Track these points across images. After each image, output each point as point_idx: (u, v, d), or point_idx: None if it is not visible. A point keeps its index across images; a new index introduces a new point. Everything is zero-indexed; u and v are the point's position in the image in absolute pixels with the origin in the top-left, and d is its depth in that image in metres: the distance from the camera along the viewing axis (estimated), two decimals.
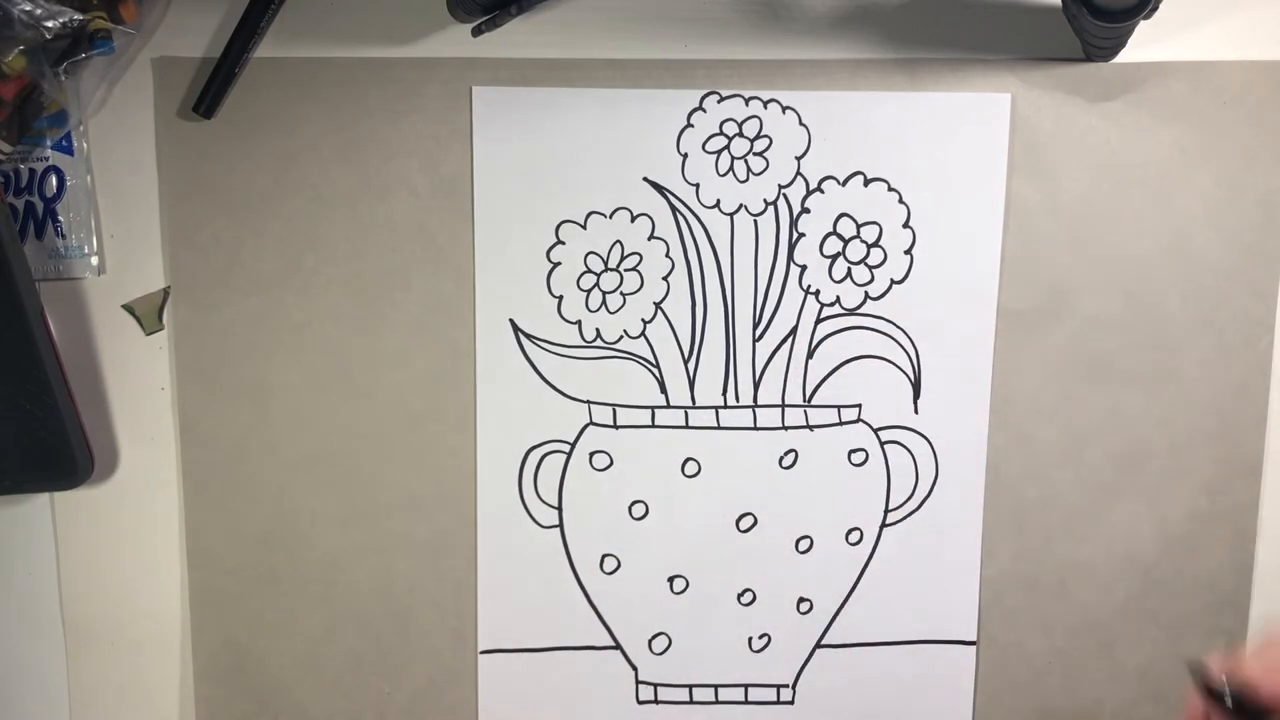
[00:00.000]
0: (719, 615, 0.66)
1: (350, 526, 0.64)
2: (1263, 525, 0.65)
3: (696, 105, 0.63)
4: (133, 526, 0.64)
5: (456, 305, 0.63)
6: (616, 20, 0.62)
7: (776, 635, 0.66)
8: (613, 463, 0.64)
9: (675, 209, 0.63)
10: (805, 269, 0.63)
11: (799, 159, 0.63)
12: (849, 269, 0.64)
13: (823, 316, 0.64)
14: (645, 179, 0.63)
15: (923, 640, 0.66)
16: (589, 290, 0.64)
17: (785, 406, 0.64)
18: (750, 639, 0.66)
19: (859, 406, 0.64)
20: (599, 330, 0.64)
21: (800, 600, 0.66)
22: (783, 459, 0.64)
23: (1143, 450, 0.64)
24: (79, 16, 0.57)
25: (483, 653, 0.65)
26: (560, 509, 0.65)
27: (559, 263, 0.63)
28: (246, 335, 0.63)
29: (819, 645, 0.66)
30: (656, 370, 0.64)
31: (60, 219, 0.63)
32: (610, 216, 0.63)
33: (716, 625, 0.66)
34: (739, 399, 0.64)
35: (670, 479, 0.65)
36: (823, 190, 0.63)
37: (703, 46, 0.62)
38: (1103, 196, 0.63)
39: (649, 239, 0.63)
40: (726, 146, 0.63)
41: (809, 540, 0.65)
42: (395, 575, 0.65)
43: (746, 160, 0.63)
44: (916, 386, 0.64)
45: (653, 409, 0.64)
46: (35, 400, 0.60)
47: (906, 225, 0.63)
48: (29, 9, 0.56)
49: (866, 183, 0.63)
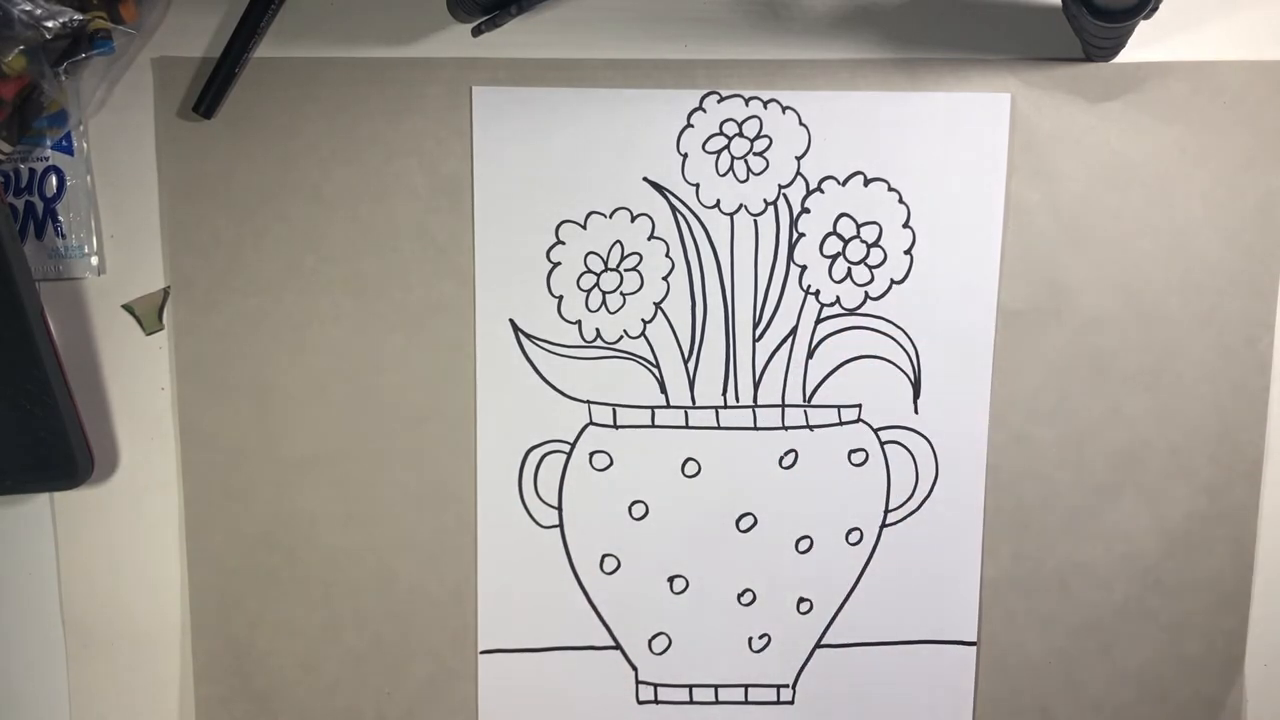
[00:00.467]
0: (719, 615, 0.66)
1: (350, 526, 0.64)
2: (1263, 525, 0.65)
3: (696, 105, 0.63)
4: (133, 526, 0.64)
5: (456, 305, 0.63)
6: (616, 20, 0.62)
7: (776, 635, 0.66)
8: (613, 463, 0.64)
9: (675, 209, 0.63)
10: (805, 269, 0.63)
11: (799, 159, 0.63)
12: (849, 269, 0.64)
13: (823, 316, 0.64)
14: (645, 179, 0.63)
15: (923, 640, 0.66)
16: (589, 290, 0.64)
17: (785, 406, 0.64)
18: (750, 639, 0.66)
19: (859, 406, 0.64)
20: (599, 330, 0.64)
21: (800, 600, 0.66)
22: (783, 459, 0.64)
23: (1143, 450, 0.64)
24: (79, 16, 0.57)
25: (483, 653, 0.65)
26: (560, 509, 0.65)
27: (559, 263, 0.63)
28: (246, 335, 0.63)
29: (819, 645, 0.66)
30: (656, 370, 0.64)
31: (60, 219, 0.63)
32: (610, 216, 0.63)
33: (716, 625, 0.66)
34: (739, 399, 0.64)
35: (670, 479, 0.65)
36: (823, 190, 0.63)
37: (703, 46, 0.62)
38: (1103, 196, 0.63)
39: (649, 239, 0.63)
40: (726, 146, 0.63)
41: (809, 540, 0.65)
42: (395, 575, 0.65)
43: (746, 160, 0.63)
44: (916, 386, 0.64)
45: (653, 409, 0.64)
46: (35, 400, 0.60)
47: (906, 225, 0.63)
48: (29, 9, 0.56)
49: (866, 183, 0.63)
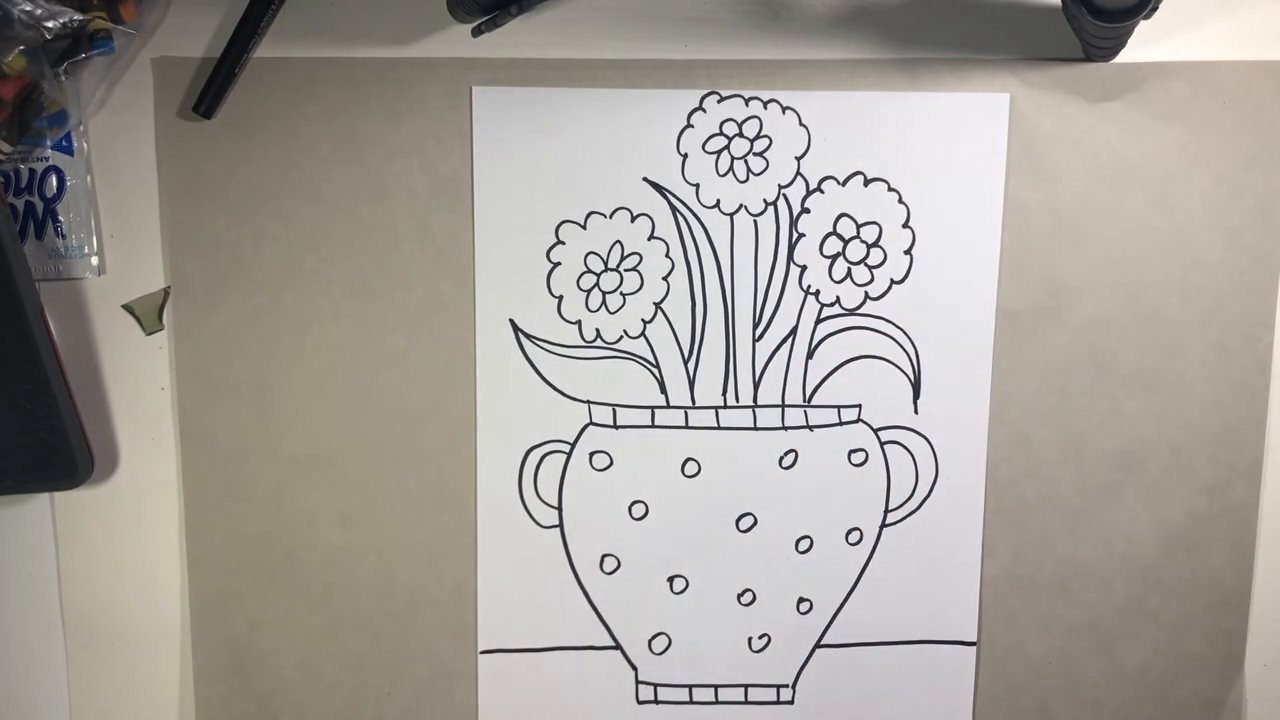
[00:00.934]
0: (719, 615, 0.66)
1: (350, 526, 0.64)
2: (1263, 525, 0.65)
3: (696, 105, 0.63)
4: (133, 526, 0.64)
5: (456, 305, 0.63)
6: (616, 20, 0.62)
7: (776, 635, 0.66)
8: (613, 463, 0.64)
9: (675, 209, 0.63)
10: (805, 269, 0.63)
11: (799, 159, 0.63)
12: (849, 269, 0.64)
13: (823, 317, 0.64)
14: (645, 179, 0.63)
15: (923, 640, 0.66)
16: (589, 290, 0.64)
17: (785, 407, 0.64)
18: (750, 639, 0.66)
19: (859, 407, 0.64)
20: (599, 330, 0.64)
21: (800, 600, 0.66)
22: (783, 459, 0.64)
23: (1143, 450, 0.64)
24: (79, 16, 0.57)
25: (483, 653, 0.65)
26: (560, 509, 0.65)
27: (559, 263, 0.63)
28: (246, 335, 0.63)
29: (819, 645, 0.66)
30: (656, 370, 0.64)
31: (60, 219, 0.63)
32: (610, 216, 0.63)
33: (716, 625, 0.66)
34: (739, 399, 0.64)
35: (670, 479, 0.65)
36: (823, 190, 0.63)
37: (703, 46, 0.62)
38: (1102, 196, 0.63)
39: (649, 239, 0.63)
40: (726, 147, 0.63)
41: (809, 540, 0.65)
42: (395, 575, 0.65)
43: (746, 160, 0.63)
44: (916, 387, 0.64)
45: (653, 409, 0.64)
46: (35, 400, 0.60)
47: (906, 225, 0.63)
48: (29, 9, 0.56)
49: (866, 183, 0.63)
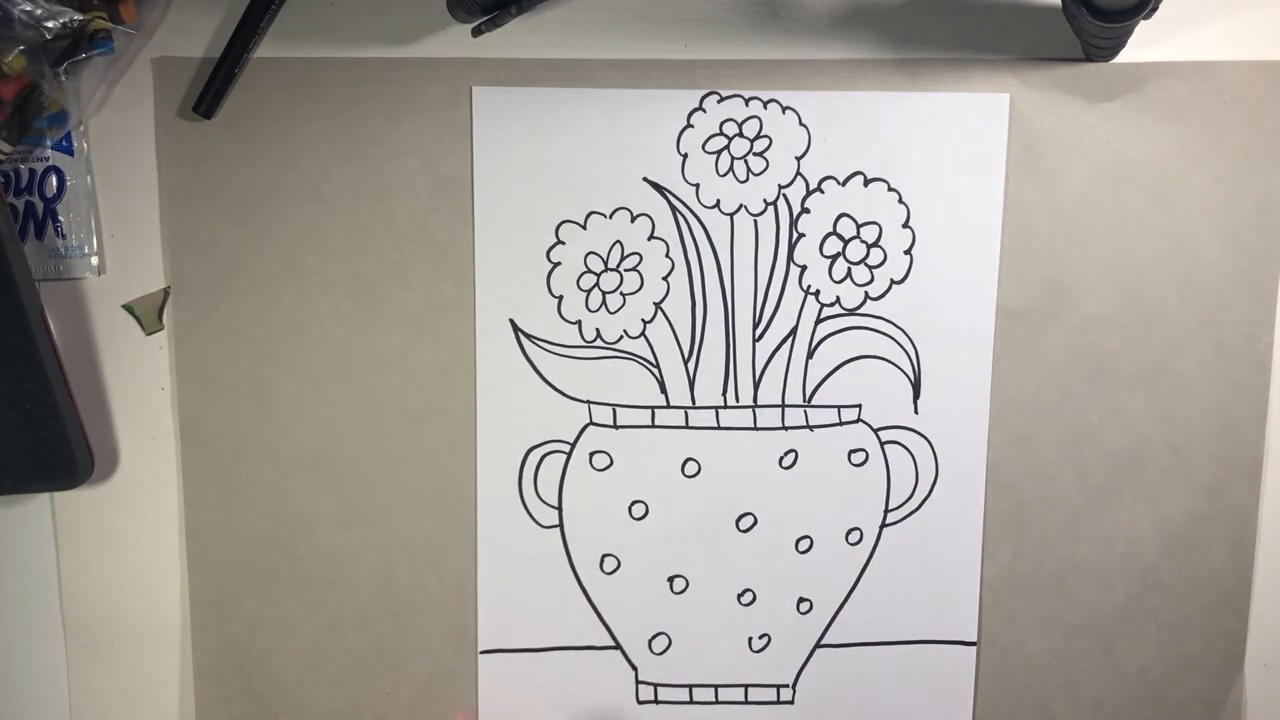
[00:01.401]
0: (719, 615, 0.66)
1: (350, 526, 0.64)
2: (1263, 525, 0.65)
3: (696, 105, 0.63)
4: (133, 526, 0.64)
5: (456, 305, 0.63)
6: (616, 20, 0.62)
7: (776, 635, 0.66)
8: (613, 463, 0.64)
9: (675, 209, 0.63)
10: (805, 269, 0.63)
11: (799, 159, 0.63)
12: (849, 269, 0.64)
13: (823, 317, 0.64)
14: (645, 179, 0.63)
15: (923, 640, 0.66)
16: (589, 290, 0.64)
17: (785, 407, 0.64)
18: (750, 639, 0.66)
19: (859, 407, 0.64)
20: (599, 330, 0.64)
21: (800, 600, 0.66)
22: (783, 459, 0.64)
23: (1143, 450, 0.64)
24: (79, 16, 0.57)
25: (483, 653, 0.65)
26: (560, 509, 0.65)
27: (559, 263, 0.63)
28: (246, 335, 0.63)
29: (819, 645, 0.66)
30: (656, 370, 0.64)
31: (60, 219, 0.63)
32: (610, 216, 0.63)
33: (716, 625, 0.66)
34: (739, 399, 0.64)
35: (670, 479, 0.65)
36: (823, 190, 0.63)
37: (703, 46, 0.62)
38: (1102, 196, 0.63)
39: (649, 239, 0.63)
40: (726, 147, 0.63)
41: (809, 540, 0.65)
42: (395, 575, 0.65)
43: (746, 160, 0.63)
44: (916, 387, 0.64)
45: (653, 409, 0.64)
46: (35, 400, 0.60)
47: (906, 225, 0.63)
48: (29, 9, 0.56)
49: (866, 183, 0.63)
